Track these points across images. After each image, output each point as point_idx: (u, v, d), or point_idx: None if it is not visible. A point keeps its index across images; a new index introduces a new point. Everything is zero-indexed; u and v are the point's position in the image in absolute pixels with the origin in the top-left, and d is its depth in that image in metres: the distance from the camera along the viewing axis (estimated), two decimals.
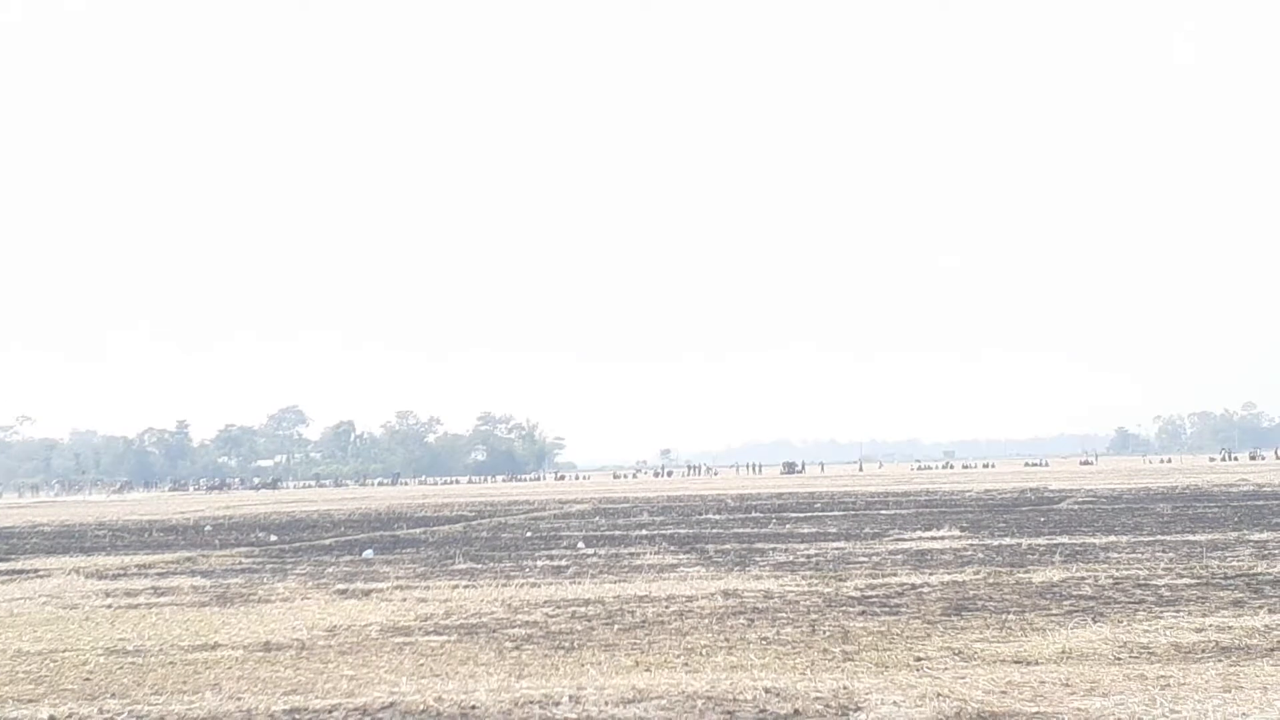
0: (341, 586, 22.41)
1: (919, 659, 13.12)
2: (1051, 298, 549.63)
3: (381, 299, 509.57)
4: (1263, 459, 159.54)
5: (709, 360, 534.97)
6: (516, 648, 14.73)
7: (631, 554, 27.76)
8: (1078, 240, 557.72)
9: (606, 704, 11.30)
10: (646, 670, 12.95)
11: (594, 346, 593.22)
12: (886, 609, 17.13)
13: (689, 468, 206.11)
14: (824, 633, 15.14)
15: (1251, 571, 20.41)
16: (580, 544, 31.32)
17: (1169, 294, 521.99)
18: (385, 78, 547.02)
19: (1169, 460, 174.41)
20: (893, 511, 43.81)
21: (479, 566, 25.80)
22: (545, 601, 19.21)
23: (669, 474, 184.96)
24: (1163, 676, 11.75)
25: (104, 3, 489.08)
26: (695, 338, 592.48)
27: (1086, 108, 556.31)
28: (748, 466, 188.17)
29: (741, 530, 35.69)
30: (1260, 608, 16.17)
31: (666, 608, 18.02)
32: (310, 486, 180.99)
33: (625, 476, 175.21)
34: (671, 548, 29.16)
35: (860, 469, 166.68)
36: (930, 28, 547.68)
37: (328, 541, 36.27)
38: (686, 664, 13.24)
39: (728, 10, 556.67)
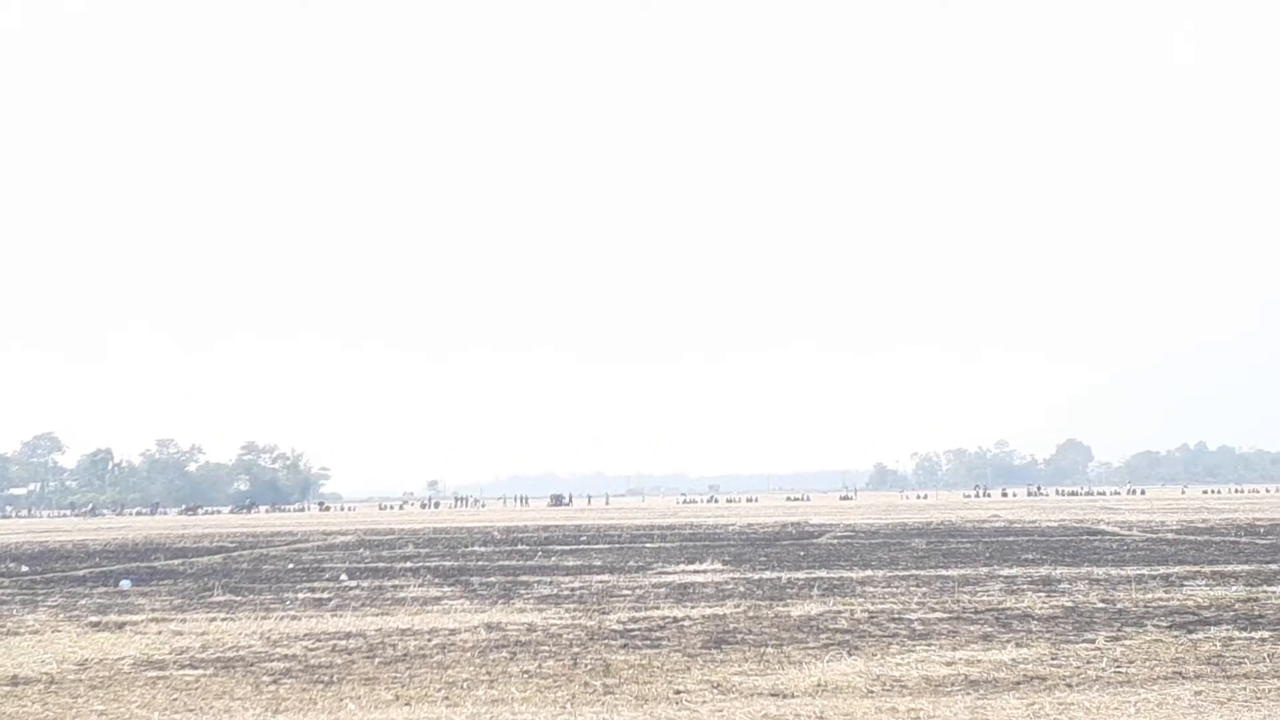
0: (95, 619, 21.81)
1: (678, 692, 13.25)
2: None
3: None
4: (1014, 495, 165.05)
5: (478, 388, 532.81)
6: (274, 682, 14.50)
7: (395, 586, 27.53)
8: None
9: None
10: (406, 704, 12.87)
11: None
12: (648, 642, 17.26)
13: (456, 499, 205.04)
14: (586, 666, 15.20)
15: (1001, 606, 21.01)
16: (343, 576, 30.94)
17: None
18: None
19: (925, 496, 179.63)
20: (657, 545, 44.10)
21: (238, 599, 25.33)
22: (306, 635, 18.95)
23: (436, 505, 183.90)
24: (913, 709, 12.05)
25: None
26: (463, 361, 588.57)
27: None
28: (515, 498, 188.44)
29: (507, 563, 35.61)
30: (1008, 642, 16.68)
31: (429, 641, 17.92)
32: (65, 515, 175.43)
33: (391, 508, 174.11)
34: (436, 580, 28.99)
35: (606, 503, 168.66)
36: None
37: (82, 572, 35.19)
38: (447, 698, 13.17)
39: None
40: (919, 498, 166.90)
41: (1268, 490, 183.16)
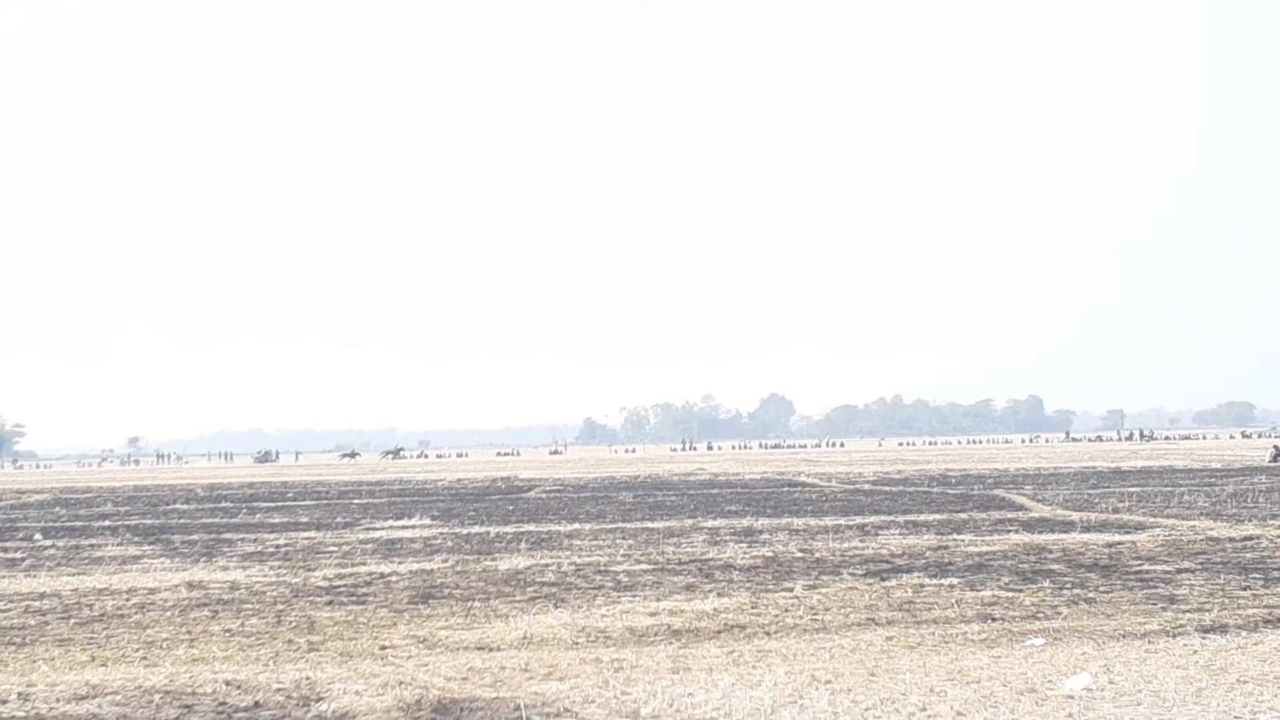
0: None
1: (384, 647, 13.20)
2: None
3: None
4: (719, 449, 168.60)
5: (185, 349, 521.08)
6: None
7: (93, 545, 26.75)
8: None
9: (58, 701, 10.88)
10: (102, 665, 12.54)
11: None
12: (354, 598, 17.16)
13: (158, 456, 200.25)
14: (290, 623, 15.04)
15: (704, 557, 21.41)
16: (38, 535, 29.99)
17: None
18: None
19: (633, 450, 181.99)
20: (366, 501, 43.80)
21: None
22: None
23: (136, 463, 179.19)
24: (617, 659, 12.24)
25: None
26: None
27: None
28: (220, 455, 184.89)
29: (210, 520, 34.92)
30: (710, 592, 17.02)
31: (127, 600, 17.49)
32: None
33: (91, 465, 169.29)
34: (136, 539, 28.28)
35: (297, 458, 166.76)
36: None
37: None
38: (145, 658, 12.88)
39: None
40: (628, 451, 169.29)
41: (959, 442, 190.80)
